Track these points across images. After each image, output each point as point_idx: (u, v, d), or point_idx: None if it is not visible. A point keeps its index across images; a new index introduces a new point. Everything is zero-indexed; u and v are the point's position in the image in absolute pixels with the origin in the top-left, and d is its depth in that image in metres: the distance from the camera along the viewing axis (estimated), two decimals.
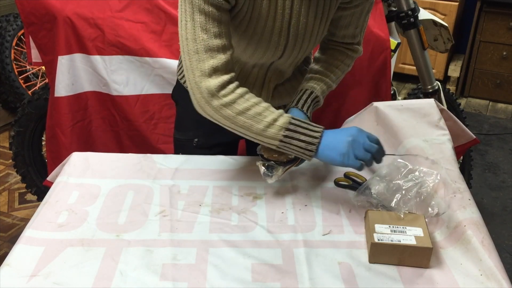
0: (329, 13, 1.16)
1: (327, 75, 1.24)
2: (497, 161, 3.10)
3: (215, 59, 1.02)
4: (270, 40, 1.14)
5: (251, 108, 1.04)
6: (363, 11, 1.19)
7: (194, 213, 1.14)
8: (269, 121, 1.04)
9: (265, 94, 1.28)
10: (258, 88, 1.28)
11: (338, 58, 1.26)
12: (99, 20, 1.91)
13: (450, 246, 1.02)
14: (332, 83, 1.25)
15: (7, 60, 3.18)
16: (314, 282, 0.95)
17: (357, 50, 1.27)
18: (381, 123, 1.25)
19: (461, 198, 1.06)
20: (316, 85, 1.22)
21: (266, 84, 1.27)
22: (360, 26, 1.23)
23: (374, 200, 1.13)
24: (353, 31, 1.23)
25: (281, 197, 1.20)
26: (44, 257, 0.99)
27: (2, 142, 3.12)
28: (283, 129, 1.04)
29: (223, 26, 1.03)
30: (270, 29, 1.11)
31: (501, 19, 3.69)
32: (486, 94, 3.95)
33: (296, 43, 1.16)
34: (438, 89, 2.16)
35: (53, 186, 1.23)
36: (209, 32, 1.01)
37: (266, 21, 1.10)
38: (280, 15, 1.10)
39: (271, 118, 1.04)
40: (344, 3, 1.15)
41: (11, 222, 2.45)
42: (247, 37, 1.12)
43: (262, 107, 1.05)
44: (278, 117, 1.05)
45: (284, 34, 1.14)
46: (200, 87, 1.03)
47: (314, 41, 1.20)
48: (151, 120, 1.99)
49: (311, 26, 1.15)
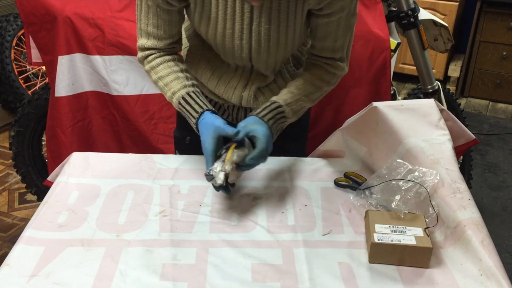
0: (295, 20, 1.14)
1: (300, 92, 1.21)
2: (497, 161, 3.10)
3: (149, 40, 1.21)
4: (233, 43, 1.17)
5: (159, 79, 1.22)
6: (340, 23, 1.15)
7: (194, 213, 1.14)
8: (171, 93, 1.20)
9: (246, 95, 1.28)
10: (240, 88, 1.29)
11: (315, 74, 1.23)
12: (99, 20, 1.91)
13: (450, 246, 1.02)
14: (305, 102, 1.22)
15: (7, 60, 3.18)
16: (314, 282, 0.95)
17: (338, 66, 1.23)
18: (381, 123, 1.25)
19: (461, 198, 1.06)
20: (284, 98, 1.19)
21: (249, 85, 1.28)
22: (341, 41, 1.18)
23: (374, 200, 1.13)
24: (331, 44, 1.19)
25: (281, 197, 1.20)
26: (44, 257, 0.99)
27: (2, 142, 3.12)
28: (178, 101, 1.19)
29: (161, 20, 1.18)
30: (230, 32, 1.15)
31: (501, 19, 3.69)
32: (486, 94, 3.95)
33: (260, 48, 1.17)
34: (438, 89, 2.16)
35: (53, 186, 1.23)
36: (149, 19, 1.18)
37: (224, 23, 1.14)
38: (239, 18, 1.13)
39: (172, 91, 1.20)
40: (316, 10, 1.13)
41: (11, 222, 2.45)
42: (211, 38, 1.19)
43: (167, 80, 1.21)
44: (177, 91, 1.19)
45: (246, 38, 1.16)
46: (138, 53, 1.25)
47: (285, 48, 1.19)
48: (151, 120, 1.99)
49: (276, 33, 1.15)
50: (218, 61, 1.29)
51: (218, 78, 1.30)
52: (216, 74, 1.30)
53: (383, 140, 1.25)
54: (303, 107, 1.22)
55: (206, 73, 1.31)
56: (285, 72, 1.31)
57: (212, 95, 1.34)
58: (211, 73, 1.30)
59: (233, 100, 1.30)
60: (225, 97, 1.31)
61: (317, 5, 1.11)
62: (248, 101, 1.29)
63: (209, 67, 1.30)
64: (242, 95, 1.29)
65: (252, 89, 1.28)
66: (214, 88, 1.31)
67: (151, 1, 1.15)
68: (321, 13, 1.13)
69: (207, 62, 1.30)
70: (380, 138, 1.26)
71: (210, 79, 1.31)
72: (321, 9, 1.12)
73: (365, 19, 1.91)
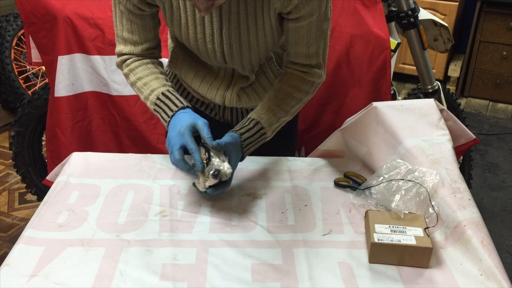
0: (264, 24, 1.13)
1: (278, 105, 1.20)
2: (497, 161, 3.10)
3: (126, 46, 1.22)
4: (206, 47, 1.18)
5: (138, 80, 1.22)
6: (311, 28, 1.12)
7: (194, 213, 1.14)
8: (150, 90, 1.20)
9: (229, 95, 1.29)
10: (223, 89, 1.29)
11: (292, 84, 1.21)
12: (99, 20, 1.91)
13: (450, 246, 1.02)
14: (283, 114, 1.21)
15: (7, 60, 3.18)
16: (314, 282, 0.95)
17: (315, 74, 1.21)
18: (381, 123, 1.25)
19: (461, 198, 1.06)
20: (264, 115, 1.19)
21: (232, 86, 1.29)
22: (314, 46, 1.16)
23: (374, 200, 1.13)
24: (305, 50, 1.17)
25: (281, 197, 1.20)
26: (44, 257, 0.99)
27: (2, 142, 3.12)
28: (153, 104, 1.20)
29: (135, 26, 1.19)
30: (202, 37, 1.16)
31: (501, 19, 3.69)
32: (486, 94, 3.95)
33: (233, 52, 1.18)
34: (438, 89, 2.16)
35: (53, 186, 1.23)
36: (123, 25, 1.20)
37: (194, 28, 1.15)
38: (209, 23, 1.13)
39: (151, 89, 1.20)
40: (285, 14, 1.12)
41: (11, 222, 2.45)
42: (185, 42, 1.21)
43: (146, 80, 1.21)
44: (157, 88, 1.20)
45: (218, 41, 1.16)
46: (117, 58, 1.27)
47: (257, 51, 1.19)
48: (151, 120, 1.99)
49: (246, 36, 1.15)
50: (201, 62, 1.29)
51: (201, 78, 1.30)
52: (200, 75, 1.30)
53: (383, 140, 1.25)
54: (283, 122, 1.23)
55: (189, 74, 1.31)
56: (268, 72, 1.31)
57: (197, 94, 1.36)
58: (194, 74, 1.31)
59: (217, 100, 1.31)
60: (208, 97, 1.32)
61: (284, 8, 1.10)
62: (231, 101, 1.30)
63: (192, 67, 1.31)
64: (225, 95, 1.29)
65: (234, 89, 1.28)
66: (197, 88, 1.32)
67: (123, 7, 1.16)
68: (290, 17, 1.12)
69: (190, 63, 1.31)
70: (380, 138, 1.26)
71: (193, 80, 1.31)
72: (289, 13, 1.11)
73: (365, 19, 1.91)
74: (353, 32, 1.89)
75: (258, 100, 1.30)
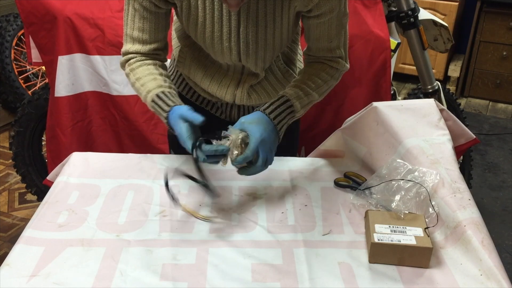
0: (282, 22, 1.15)
1: (304, 82, 1.21)
2: (497, 161, 3.10)
3: (133, 46, 1.22)
4: (222, 45, 1.18)
5: (137, 80, 1.21)
6: (332, 24, 1.15)
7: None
8: (146, 91, 1.19)
9: (240, 93, 1.29)
10: (233, 87, 1.30)
11: (317, 68, 1.23)
12: (99, 20, 1.91)
13: (450, 246, 1.02)
14: (310, 91, 1.20)
15: (7, 60, 3.18)
16: (314, 282, 0.95)
17: (339, 62, 1.23)
18: (381, 123, 1.25)
19: (461, 198, 1.06)
20: (290, 90, 1.19)
21: (241, 84, 1.29)
22: (336, 40, 1.19)
23: (374, 200, 1.13)
24: (327, 45, 1.20)
25: (281, 197, 1.20)
26: (44, 257, 0.99)
27: (2, 142, 3.12)
28: (151, 102, 1.18)
29: (148, 24, 1.19)
30: (219, 35, 1.16)
31: (501, 19, 3.69)
32: (486, 94, 3.95)
33: (249, 50, 1.18)
34: (438, 89, 2.16)
35: (53, 186, 1.23)
36: (135, 24, 1.19)
37: (212, 26, 1.15)
38: (227, 21, 1.14)
39: (147, 90, 1.19)
40: (305, 12, 1.14)
41: (11, 222, 2.45)
42: (200, 40, 1.21)
43: (144, 80, 1.20)
44: (152, 89, 1.19)
45: (234, 40, 1.17)
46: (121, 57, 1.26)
47: (273, 49, 1.20)
48: (151, 120, 1.99)
49: (263, 34, 1.16)
50: (210, 61, 1.29)
51: (210, 77, 1.30)
52: (209, 74, 1.30)
53: (383, 140, 1.25)
54: (312, 100, 1.22)
55: (198, 73, 1.31)
56: (276, 70, 1.32)
57: (205, 93, 1.35)
58: (203, 73, 1.31)
59: (227, 99, 1.31)
60: (218, 96, 1.32)
61: (304, 7, 1.12)
62: (241, 99, 1.30)
63: (201, 67, 1.31)
64: (236, 93, 1.30)
65: (245, 87, 1.29)
66: (207, 87, 1.32)
67: (138, 5, 1.16)
68: (310, 14, 1.14)
69: (199, 62, 1.31)
70: (380, 138, 1.26)
71: (202, 79, 1.31)
72: (310, 10, 1.13)
73: (365, 19, 1.91)
74: (353, 32, 1.89)
75: (267, 97, 1.31)
